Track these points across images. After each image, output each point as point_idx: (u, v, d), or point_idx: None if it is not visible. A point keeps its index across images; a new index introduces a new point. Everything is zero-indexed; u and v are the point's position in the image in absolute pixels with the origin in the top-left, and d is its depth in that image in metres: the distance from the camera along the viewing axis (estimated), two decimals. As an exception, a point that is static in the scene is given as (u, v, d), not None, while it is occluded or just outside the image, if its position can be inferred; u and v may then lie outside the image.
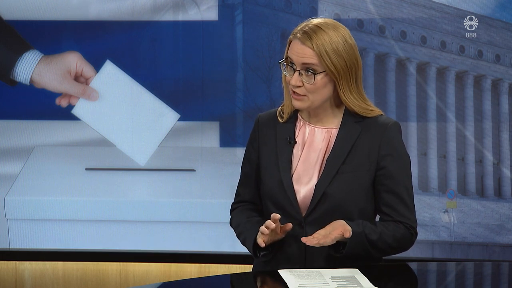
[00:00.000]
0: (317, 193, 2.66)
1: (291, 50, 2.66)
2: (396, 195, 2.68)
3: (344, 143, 2.68)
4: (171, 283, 3.20)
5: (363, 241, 2.60)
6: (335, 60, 2.62)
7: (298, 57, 2.63)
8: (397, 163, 2.68)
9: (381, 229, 2.64)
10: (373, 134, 2.68)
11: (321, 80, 2.64)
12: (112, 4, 4.66)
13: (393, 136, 2.69)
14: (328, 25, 2.64)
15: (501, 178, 4.53)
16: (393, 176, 2.67)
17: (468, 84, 4.55)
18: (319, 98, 2.66)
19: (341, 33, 2.64)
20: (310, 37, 2.62)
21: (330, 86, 2.66)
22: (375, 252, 2.65)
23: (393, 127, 2.70)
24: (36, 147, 4.75)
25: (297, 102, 2.67)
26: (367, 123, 2.69)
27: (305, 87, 2.64)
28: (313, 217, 2.66)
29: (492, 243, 4.53)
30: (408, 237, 2.68)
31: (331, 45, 2.61)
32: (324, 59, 2.61)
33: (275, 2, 4.57)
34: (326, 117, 2.72)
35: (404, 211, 2.68)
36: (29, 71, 4.64)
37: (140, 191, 4.76)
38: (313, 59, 2.62)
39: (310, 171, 2.69)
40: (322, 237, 2.55)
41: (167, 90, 4.67)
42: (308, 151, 2.71)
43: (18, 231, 4.76)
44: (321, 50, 2.61)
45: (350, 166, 2.67)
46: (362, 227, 2.61)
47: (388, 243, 2.65)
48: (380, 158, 2.67)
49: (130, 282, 4.74)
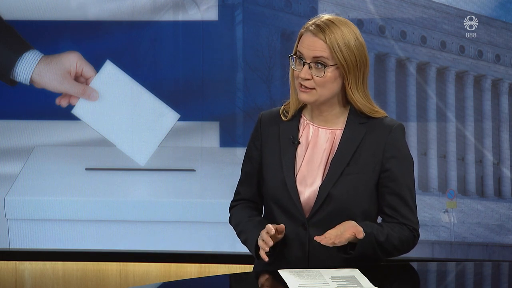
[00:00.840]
0: (321, 194, 2.65)
1: (302, 43, 2.65)
2: (400, 197, 2.67)
3: (349, 145, 2.67)
4: (171, 283, 3.19)
5: (373, 242, 2.60)
6: (346, 55, 2.61)
7: (309, 50, 2.62)
8: (401, 166, 2.68)
9: (387, 230, 2.64)
10: (378, 136, 2.67)
11: (331, 74, 2.63)
12: (112, 4, 4.66)
13: (398, 138, 2.69)
14: (341, 21, 2.65)
15: (501, 178, 4.53)
16: (397, 178, 2.67)
17: (468, 84, 4.55)
18: (327, 92, 2.65)
19: (352, 30, 2.65)
20: (323, 30, 2.61)
21: (338, 81, 2.65)
22: (381, 254, 2.64)
23: (398, 129, 2.69)
24: (36, 147, 4.75)
25: (304, 95, 2.66)
26: (372, 125, 2.69)
27: (314, 80, 2.63)
28: (316, 219, 2.65)
29: (492, 243, 4.53)
30: (411, 240, 2.69)
31: (343, 39, 2.61)
32: (336, 52, 2.61)
33: (275, 2, 4.56)
34: (330, 117, 2.71)
35: (407, 214, 2.68)
36: (29, 71, 4.64)
37: (140, 191, 4.76)
38: (325, 52, 2.61)
39: (314, 173, 2.69)
40: (335, 237, 2.54)
41: (167, 90, 4.67)
42: (312, 152, 2.70)
43: (18, 231, 4.76)
44: (333, 43, 2.60)
45: (355, 168, 2.66)
46: (371, 228, 2.61)
47: (394, 245, 2.64)
48: (384, 160, 2.67)
49: (130, 282, 4.74)
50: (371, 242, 2.60)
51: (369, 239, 2.59)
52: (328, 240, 2.54)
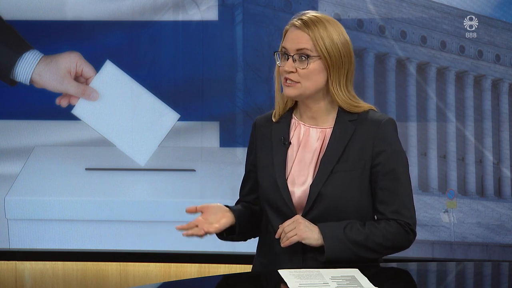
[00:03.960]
0: (312, 193, 2.65)
1: (286, 38, 2.68)
2: (390, 192, 2.66)
3: (338, 142, 2.67)
4: (171, 283, 3.19)
5: (345, 243, 2.59)
6: (330, 47, 2.63)
7: (292, 44, 2.65)
8: (391, 160, 2.66)
9: (369, 229, 2.62)
10: (366, 131, 2.67)
11: (314, 65, 2.64)
12: (112, 4, 4.66)
13: (387, 132, 2.68)
14: (326, 18, 2.68)
15: (501, 178, 4.53)
16: (387, 172, 2.65)
17: (468, 84, 4.55)
18: (311, 86, 2.65)
19: (337, 27, 2.67)
20: (306, 24, 2.64)
21: (323, 75, 2.66)
22: (365, 253, 2.63)
23: (387, 123, 2.68)
24: (36, 147, 4.75)
25: (289, 89, 2.66)
26: (361, 121, 2.68)
27: (298, 72, 2.64)
28: (309, 218, 2.65)
29: (492, 243, 4.53)
30: (402, 235, 2.65)
31: (327, 33, 2.64)
32: (319, 44, 2.62)
33: (275, 2, 4.57)
34: (319, 114, 2.71)
35: (398, 208, 2.65)
36: (29, 71, 4.65)
37: (140, 191, 4.76)
38: (308, 44, 2.63)
39: (305, 172, 2.69)
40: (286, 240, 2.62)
41: (167, 90, 4.67)
42: (303, 152, 2.71)
43: (18, 231, 4.76)
44: (317, 36, 2.63)
45: (345, 165, 2.66)
46: (344, 228, 2.61)
47: (378, 243, 2.62)
48: (374, 155, 2.66)
49: (130, 282, 4.74)
50: (343, 243, 2.59)
51: (338, 242, 2.59)
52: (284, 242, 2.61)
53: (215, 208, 2.73)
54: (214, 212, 2.72)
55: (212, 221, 2.70)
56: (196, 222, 2.71)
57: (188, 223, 2.72)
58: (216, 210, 2.72)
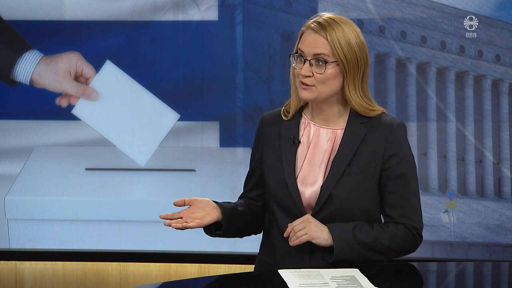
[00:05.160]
0: (322, 195, 2.65)
1: (303, 41, 2.65)
2: (400, 196, 2.67)
3: (350, 145, 2.67)
4: (171, 283, 3.19)
5: (353, 245, 2.60)
6: (347, 52, 2.62)
7: (310, 47, 2.63)
8: (402, 164, 2.67)
9: (378, 231, 2.63)
10: (378, 135, 2.67)
11: (331, 71, 2.63)
12: (112, 4, 4.66)
13: (399, 137, 2.68)
14: (342, 19, 2.66)
15: (501, 178, 4.53)
16: (398, 177, 2.66)
17: (468, 84, 4.55)
18: (327, 90, 2.65)
19: (354, 28, 2.65)
20: (324, 28, 2.62)
21: (339, 79, 2.65)
22: (373, 255, 2.63)
23: (399, 128, 2.68)
24: (36, 147, 4.75)
25: (305, 92, 2.65)
26: (373, 124, 2.68)
27: (315, 77, 2.63)
28: (318, 218, 2.65)
29: (492, 243, 4.53)
30: (410, 239, 2.66)
31: (344, 37, 2.62)
32: (337, 49, 2.61)
33: (275, 2, 4.57)
34: (331, 116, 2.71)
35: (407, 213, 2.66)
36: (29, 71, 4.64)
37: (140, 191, 4.76)
38: (325, 49, 2.62)
39: (315, 172, 2.68)
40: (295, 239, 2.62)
41: (167, 90, 4.67)
42: (313, 152, 2.70)
43: (18, 231, 4.76)
44: (334, 40, 2.61)
45: (356, 168, 2.66)
46: (353, 230, 2.61)
47: (386, 246, 2.63)
48: (385, 159, 2.66)
49: (130, 282, 4.74)
50: (351, 245, 2.60)
51: (347, 243, 2.59)
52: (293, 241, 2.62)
53: (202, 202, 2.73)
54: (202, 206, 2.72)
55: (196, 216, 2.70)
56: (181, 214, 2.71)
57: (172, 213, 2.71)
58: (204, 205, 2.73)
